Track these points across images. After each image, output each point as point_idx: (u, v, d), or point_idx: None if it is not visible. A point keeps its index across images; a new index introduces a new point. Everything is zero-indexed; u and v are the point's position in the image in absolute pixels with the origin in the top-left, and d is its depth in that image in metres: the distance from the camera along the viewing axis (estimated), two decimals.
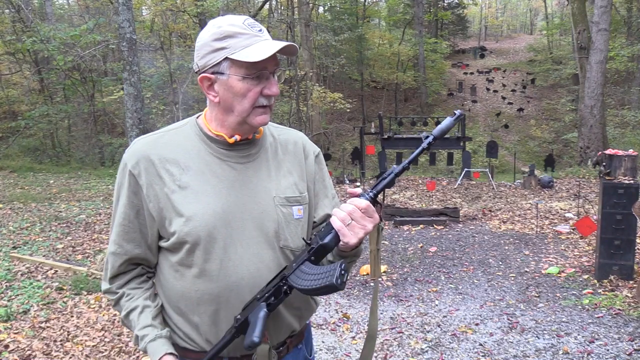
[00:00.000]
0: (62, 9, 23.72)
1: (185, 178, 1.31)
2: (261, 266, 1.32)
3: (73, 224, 8.06)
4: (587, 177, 12.42)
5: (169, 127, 1.42)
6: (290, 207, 1.37)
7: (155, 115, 16.43)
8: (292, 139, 1.48)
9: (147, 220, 1.33)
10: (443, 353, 3.76)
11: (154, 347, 1.30)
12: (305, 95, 18.51)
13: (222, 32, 1.27)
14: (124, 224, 1.34)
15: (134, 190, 1.32)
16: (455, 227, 7.96)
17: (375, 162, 16.17)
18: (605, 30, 14.09)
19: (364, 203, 1.19)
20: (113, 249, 1.37)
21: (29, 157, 17.80)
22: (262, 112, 1.30)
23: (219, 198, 1.30)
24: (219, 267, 1.29)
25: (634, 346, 3.75)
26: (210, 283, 1.29)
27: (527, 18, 53.79)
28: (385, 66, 26.76)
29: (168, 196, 1.30)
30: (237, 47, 1.25)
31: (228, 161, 1.34)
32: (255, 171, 1.36)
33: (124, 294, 1.39)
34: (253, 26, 1.28)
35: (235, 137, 1.33)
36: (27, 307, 4.61)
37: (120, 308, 1.40)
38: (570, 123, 21.65)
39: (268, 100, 1.30)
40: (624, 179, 5.21)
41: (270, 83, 1.29)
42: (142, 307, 1.36)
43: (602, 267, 5.19)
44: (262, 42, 1.26)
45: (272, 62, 1.27)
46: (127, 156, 1.35)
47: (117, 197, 1.36)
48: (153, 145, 1.34)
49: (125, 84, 7.46)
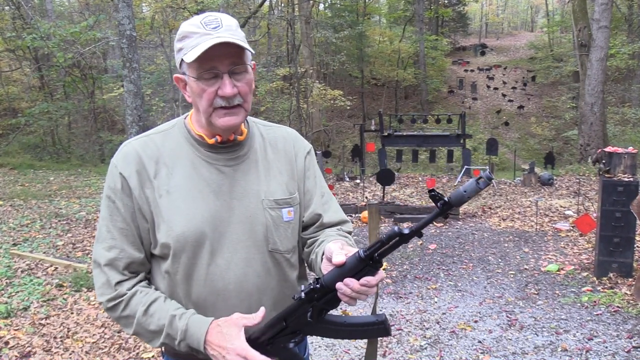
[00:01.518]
0: (62, 5, 23.71)
1: (173, 182, 1.29)
2: (249, 270, 1.30)
3: (73, 221, 8.07)
4: (587, 174, 12.42)
5: (158, 128, 1.39)
6: (280, 210, 1.35)
7: (155, 113, 16.44)
8: (281, 136, 1.44)
9: (140, 224, 1.30)
10: (442, 350, 3.77)
11: (197, 320, 1.23)
12: (306, 92, 18.50)
13: (180, 33, 1.25)
14: (122, 227, 1.29)
15: (127, 193, 1.29)
16: (455, 224, 7.97)
17: (375, 159, 16.18)
18: (605, 27, 14.07)
19: (374, 282, 1.11)
20: (114, 255, 1.28)
21: (29, 154, 17.82)
22: (224, 113, 1.25)
23: (206, 202, 1.28)
24: (206, 273, 1.28)
25: (633, 343, 3.76)
26: (196, 288, 1.28)
27: (528, 15, 53.72)
28: (385, 63, 26.76)
29: (157, 201, 1.28)
30: (189, 47, 1.22)
31: (216, 164, 1.32)
32: (243, 174, 1.34)
33: (137, 291, 1.28)
34: (208, 24, 1.22)
35: (216, 138, 1.30)
36: (27, 304, 4.62)
37: (134, 308, 1.27)
38: (570, 120, 21.64)
39: (226, 101, 1.24)
40: (623, 176, 5.22)
41: (224, 83, 1.23)
42: (165, 297, 1.29)
43: (601, 265, 5.20)
44: (209, 40, 1.19)
45: (223, 60, 1.22)
46: (117, 159, 1.31)
47: (109, 201, 1.30)
48: (142, 148, 1.31)
49: (125, 81, 7.47)
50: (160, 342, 1.26)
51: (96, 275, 1.31)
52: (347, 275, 1.10)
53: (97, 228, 1.34)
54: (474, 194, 1.02)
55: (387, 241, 1.06)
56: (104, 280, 1.29)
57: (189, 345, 1.23)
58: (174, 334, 1.23)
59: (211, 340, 1.20)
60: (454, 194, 1.03)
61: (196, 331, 1.21)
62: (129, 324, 1.28)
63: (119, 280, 1.28)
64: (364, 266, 1.09)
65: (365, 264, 1.08)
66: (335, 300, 1.15)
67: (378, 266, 1.10)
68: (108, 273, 1.29)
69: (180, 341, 1.23)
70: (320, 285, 1.13)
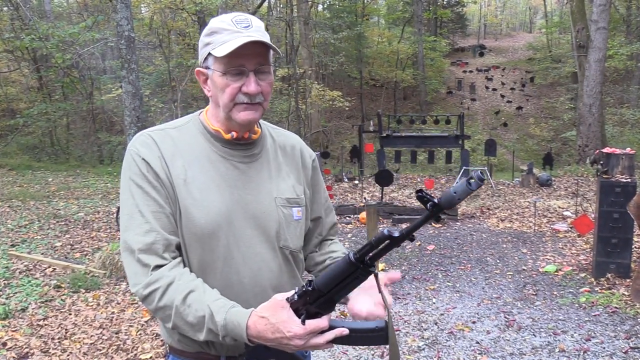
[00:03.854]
0: (61, 6, 23.68)
1: (190, 173, 1.29)
2: (262, 265, 1.32)
3: (71, 222, 8.07)
4: (586, 175, 12.44)
5: (172, 123, 1.39)
6: (291, 208, 1.38)
7: (154, 113, 16.42)
8: (289, 142, 1.48)
9: (168, 206, 1.27)
10: (440, 351, 3.77)
11: (237, 312, 1.16)
12: (304, 93, 18.51)
13: (210, 28, 1.29)
14: (155, 210, 1.24)
15: (155, 177, 1.26)
16: (454, 225, 7.97)
17: (374, 160, 16.16)
18: (604, 28, 14.09)
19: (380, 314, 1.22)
20: (151, 239, 1.22)
21: (27, 155, 17.81)
22: (244, 108, 1.28)
23: (222, 196, 1.30)
24: (222, 266, 1.28)
25: (630, 344, 3.76)
26: (211, 280, 1.26)
27: (527, 16, 53.76)
28: (384, 64, 26.74)
29: (175, 190, 1.27)
30: (218, 43, 1.25)
31: (232, 160, 1.34)
32: (257, 171, 1.37)
33: (174, 278, 1.20)
34: (240, 22, 1.26)
35: (232, 134, 1.33)
36: (25, 305, 4.62)
37: (171, 296, 1.19)
38: (569, 121, 21.67)
39: (249, 98, 1.28)
40: (621, 177, 5.22)
41: (249, 80, 1.26)
42: (204, 287, 1.22)
43: (599, 265, 5.20)
44: (240, 38, 1.23)
45: (251, 59, 1.26)
46: (135, 147, 1.30)
47: (137, 187, 1.26)
48: (160, 139, 1.32)
49: (124, 82, 7.45)
50: (203, 337, 1.18)
51: (129, 263, 1.24)
52: (338, 280, 1.08)
53: (124, 216, 1.27)
54: (465, 195, 0.95)
55: (377, 244, 1.02)
56: (140, 267, 1.22)
57: (234, 339, 1.17)
58: (216, 330, 1.16)
59: (261, 335, 1.13)
60: (443, 195, 0.97)
61: (235, 326, 1.14)
62: (168, 316, 1.20)
63: (157, 264, 1.22)
64: (354, 270, 1.06)
65: (356, 267, 1.05)
66: (330, 304, 1.13)
67: (369, 270, 1.07)
68: (145, 258, 1.22)
69: (224, 336, 1.16)
70: (312, 288, 1.10)
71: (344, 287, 1.09)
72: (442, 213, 0.98)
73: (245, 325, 1.14)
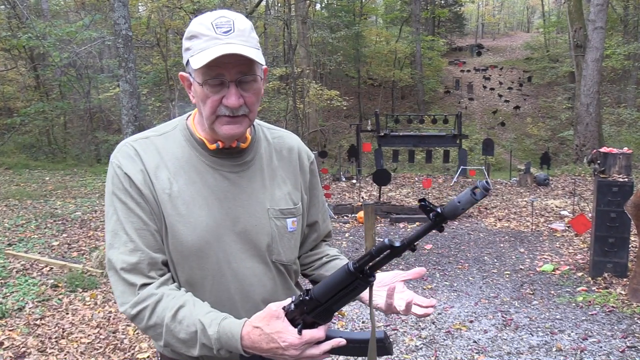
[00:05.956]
0: (58, 5, 23.59)
1: (176, 187, 1.22)
2: (254, 281, 1.27)
3: (69, 221, 8.05)
4: (583, 174, 12.46)
5: (157, 130, 1.31)
6: (285, 220, 1.31)
7: (152, 112, 16.41)
8: (287, 145, 1.39)
9: (153, 223, 1.22)
10: (437, 350, 3.77)
11: (230, 323, 1.13)
12: (302, 92, 18.50)
13: (189, 31, 1.19)
14: (139, 227, 1.19)
15: (137, 192, 1.20)
16: (451, 224, 7.98)
17: (371, 159, 16.17)
18: (601, 28, 14.13)
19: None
20: (135, 259, 1.18)
21: (24, 154, 17.76)
22: (226, 122, 1.19)
23: (210, 211, 1.22)
24: (212, 283, 1.23)
25: (627, 343, 3.77)
26: (201, 297, 1.21)
27: (524, 16, 53.85)
28: (382, 64, 26.75)
29: (160, 206, 1.21)
30: (196, 50, 1.15)
31: (221, 170, 1.26)
32: (249, 181, 1.28)
33: (163, 295, 1.17)
34: (220, 26, 1.14)
35: (218, 144, 1.24)
36: (22, 304, 4.61)
37: (160, 314, 1.15)
38: (566, 121, 21.73)
39: (230, 111, 1.17)
40: (618, 176, 5.23)
41: (229, 93, 1.16)
42: (194, 301, 1.18)
43: (596, 265, 5.22)
44: (218, 46, 1.12)
45: (230, 68, 1.14)
46: (117, 159, 1.23)
47: (120, 203, 1.20)
48: (142, 149, 1.24)
49: (121, 81, 7.44)
50: (197, 353, 1.14)
51: (115, 282, 1.20)
52: (337, 289, 1.06)
53: (108, 233, 1.22)
54: (469, 205, 0.93)
55: (377, 254, 0.99)
56: (126, 286, 1.18)
57: (229, 351, 1.14)
58: (209, 344, 1.12)
59: (256, 346, 1.10)
60: (447, 205, 0.95)
61: (229, 338, 1.11)
62: (159, 335, 1.17)
63: (143, 282, 1.18)
64: (353, 280, 1.03)
65: (355, 277, 1.03)
66: (328, 314, 1.10)
67: (369, 280, 1.04)
68: (130, 278, 1.17)
69: (218, 350, 1.13)
70: (310, 298, 1.08)
71: (342, 297, 1.07)
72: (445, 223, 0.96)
73: (239, 336, 1.10)
